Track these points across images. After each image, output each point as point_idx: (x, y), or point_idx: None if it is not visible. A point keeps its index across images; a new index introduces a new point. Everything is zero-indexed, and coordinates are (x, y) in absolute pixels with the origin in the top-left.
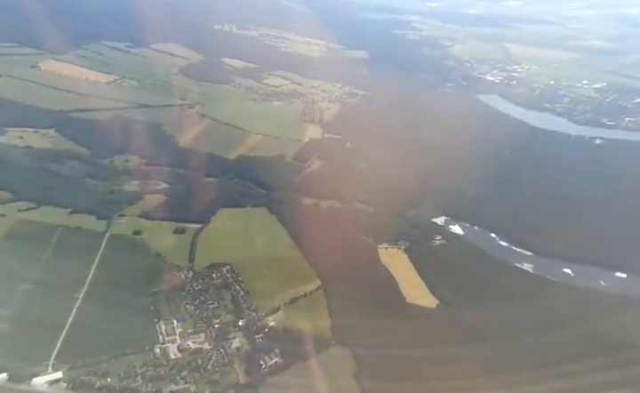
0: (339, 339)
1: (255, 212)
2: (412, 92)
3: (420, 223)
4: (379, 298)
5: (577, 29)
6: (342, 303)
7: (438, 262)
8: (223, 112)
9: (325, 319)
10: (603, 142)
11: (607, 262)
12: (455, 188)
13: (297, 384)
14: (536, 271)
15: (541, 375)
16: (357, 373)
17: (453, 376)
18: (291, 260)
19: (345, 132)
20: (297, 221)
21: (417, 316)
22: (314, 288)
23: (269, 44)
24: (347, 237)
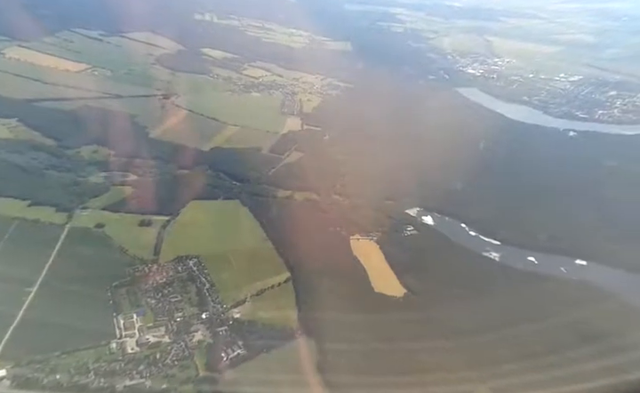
0: (305, 330)
1: (227, 205)
2: (394, 84)
3: (394, 214)
4: (347, 288)
5: (560, 23)
6: (310, 294)
7: (408, 252)
8: (199, 103)
9: (292, 311)
10: (576, 135)
11: (570, 250)
12: (430, 179)
13: (258, 376)
14: (501, 260)
15: (503, 366)
16: (321, 365)
17: (417, 369)
18: (261, 252)
19: (324, 125)
20: (270, 214)
21: (384, 307)
22: (282, 280)
23: (251, 34)
24: (319, 229)
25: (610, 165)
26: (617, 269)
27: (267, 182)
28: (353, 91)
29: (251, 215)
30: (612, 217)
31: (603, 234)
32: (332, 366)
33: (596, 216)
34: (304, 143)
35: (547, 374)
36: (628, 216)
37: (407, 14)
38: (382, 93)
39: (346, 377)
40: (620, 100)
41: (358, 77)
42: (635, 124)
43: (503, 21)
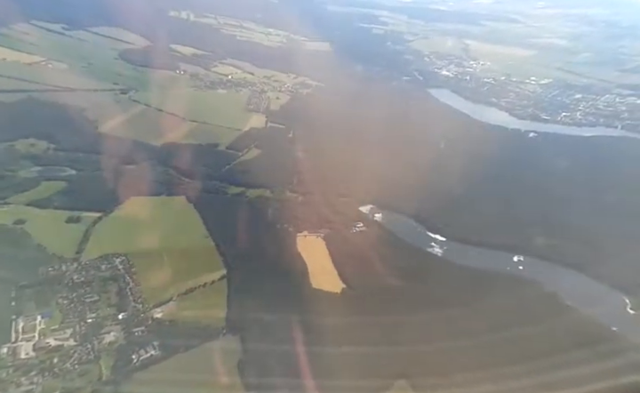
0: (231, 329)
1: (171, 201)
2: (367, 84)
3: (346, 211)
4: (285, 285)
5: (538, 27)
6: (244, 292)
7: (353, 248)
8: (159, 98)
9: (221, 309)
10: (535, 136)
11: (511, 246)
12: (387, 177)
13: (169, 377)
14: (444, 255)
15: (426, 359)
16: (242, 365)
17: (340, 370)
18: (199, 249)
19: (290, 122)
20: (216, 211)
21: (319, 303)
22: (217, 278)
23: (226, 32)
24: (266, 226)
25: (561, 165)
26: (551, 264)
27: (219, 179)
28: (324, 90)
29: (195, 212)
30: (554, 214)
31: (542, 230)
32: (253, 367)
33: (539, 214)
34: (265, 140)
35: (471, 362)
36: (570, 213)
37: (390, 17)
38: (353, 93)
39: (266, 378)
40: (584, 103)
41: (332, 77)
42: (593, 126)
43: (483, 25)
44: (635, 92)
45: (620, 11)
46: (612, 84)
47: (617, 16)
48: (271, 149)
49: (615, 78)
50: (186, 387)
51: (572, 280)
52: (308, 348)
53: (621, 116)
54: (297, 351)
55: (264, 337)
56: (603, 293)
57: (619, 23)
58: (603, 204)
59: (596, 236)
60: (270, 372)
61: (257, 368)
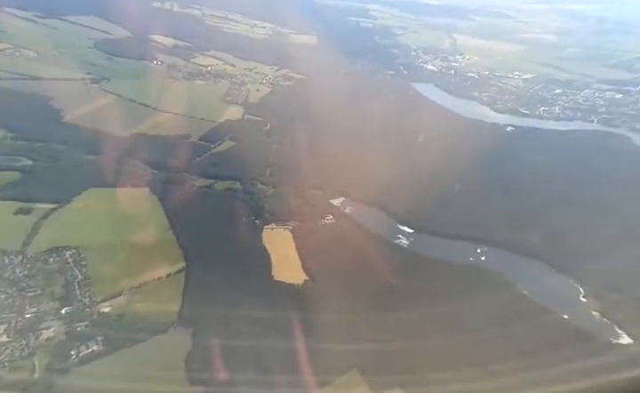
0: (183, 323)
1: (134, 193)
2: (350, 78)
3: (317, 204)
4: (245, 278)
5: (527, 23)
6: (202, 286)
7: (320, 240)
8: (132, 88)
9: (175, 303)
10: (513, 129)
11: (477, 238)
12: (362, 171)
13: (109, 372)
14: (410, 247)
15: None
16: (189, 360)
17: (293, 365)
18: (158, 242)
19: (267, 115)
20: (181, 203)
21: (277, 295)
22: (174, 271)
23: (211, 24)
24: (232, 219)
25: (534, 159)
26: (514, 255)
27: (187, 171)
28: (306, 83)
29: (158, 204)
30: (520, 207)
31: (508, 222)
32: (201, 361)
33: (506, 206)
34: (240, 132)
35: (423, 351)
36: (536, 206)
37: (380, 10)
38: (335, 86)
39: (213, 373)
40: (564, 98)
41: (315, 70)
42: (570, 121)
43: (474, 20)
44: (614, 86)
45: (611, 7)
46: (594, 79)
47: (608, 12)
48: (245, 142)
49: (598, 73)
50: (126, 382)
51: (532, 270)
52: (259, 342)
53: (598, 111)
54: (247, 345)
55: (217, 331)
56: (560, 283)
57: (609, 19)
58: (568, 196)
59: (560, 227)
60: (218, 366)
61: (205, 362)
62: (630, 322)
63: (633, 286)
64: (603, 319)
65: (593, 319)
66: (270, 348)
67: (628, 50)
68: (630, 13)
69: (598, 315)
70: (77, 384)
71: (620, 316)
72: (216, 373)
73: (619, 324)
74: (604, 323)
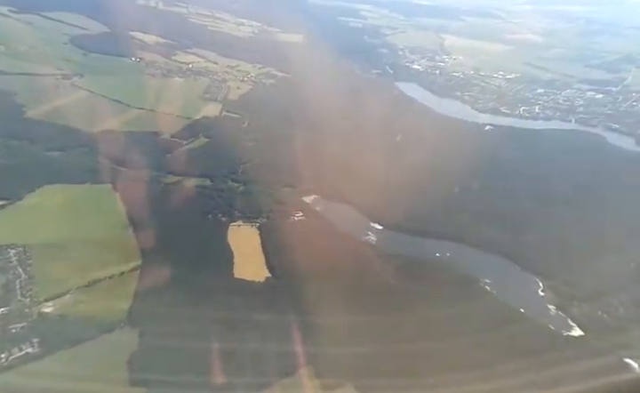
0: (131, 322)
1: (95, 190)
2: (335, 77)
3: (288, 201)
4: (204, 276)
5: (515, 23)
6: (157, 284)
7: (287, 238)
8: (106, 85)
9: (126, 301)
10: (491, 129)
11: (445, 234)
12: (338, 168)
13: (44, 374)
14: (377, 244)
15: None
16: (133, 360)
17: (238, 366)
18: (115, 240)
19: (246, 112)
20: (144, 200)
21: (235, 293)
22: (128, 269)
23: (196, 22)
24: (198, 216)
25: (508, 157)
26: (479, 251)
27: (155, 167)
28: (289, 81)
29: (119, 201)
30: (490, 204)
31: (477, 219)
32: (145, 362)
33: (477, 203)
34: (216, 129)
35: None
36: (506, 203)
37: (371, 11)
38: (318, 85)
39: (156, 374)
40: (545, 98)
41: (299, 69)
42: (548, 120)
43: (463, 20)
44: (595, 86)
45: (600, 8)
46: (576, 79)
47: (596, 13)
48: (220, 139)
49: (580, 73)
50: (59, 382)
51: (496, 266)
52: (207, 342)
53: (577, 111)
54: (195, 346)
55: (166, 330)
56: (521, 278)
57: (596, 20)
58: (538, 193)
59: (526, 224)
60: (162, 367)
61: (149, 363)
62: (583, 315)
63: (590, 281)
64: (558, 313)
65: (548, 313)
66: (218, 349)
67: (611, 51)
68: (618, 14)
69: (554, 308)
70: (4, 387)
71: (575, 310)
72: (159, 374)
73: (572, 318)
74: (558, 316)
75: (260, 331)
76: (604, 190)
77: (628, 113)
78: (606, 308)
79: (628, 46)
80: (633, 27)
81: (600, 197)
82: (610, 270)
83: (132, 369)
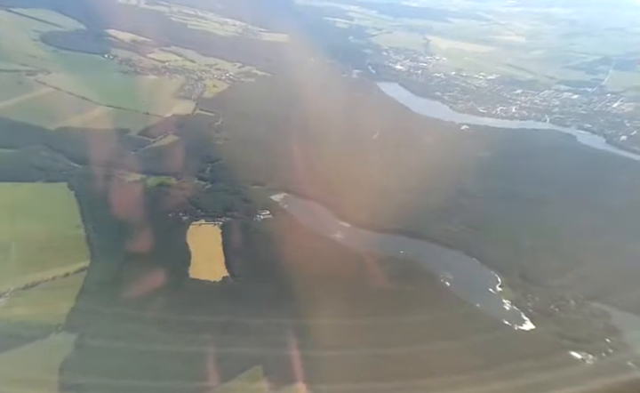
0: (69, 326)
1: (47, 188)
2: (315, 76)
3: (256, 200)
4: (155, 277)
5: (501, 25)
6: (103, 285)
7: (251, 236)
8: (73, 81)
9: (67, 304)
10: (467, 128)
11: (410, 231)
12: (310, 167)
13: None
14: (343, 241)
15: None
16: (66, 365)
17: (175, 370)
18: (63, 240)
19: (220, 110)
20: (101, 198)
21: (187, 294)
22: (74, 270)
23: (177, 20)
24: (157, 215)
25: (482, 156)
26: (443, 247)
27: (118, 165)
28: (269, 80)
29: (74, 200)
30: (457, 201)
31: (443, 217)
32: (79, 366)
33: (444, 201)
34: (186, 127)
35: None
36: (472, 201)
37: (358, 11)
38: (298, 84)
39: (90, 378)
40: (523, 98)
41: (281, 68)
42: (524, 120)
43: (450, 22)
44: (572, 87)
45: (583, 10)
46: (555, 80)
47: (579, 15)
48: (190, 137)
49: (559, 74)
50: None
51: (458, 262)
52: (148, 345)
53: (553, 111)
54: (137, 349)
55: (106, 333)
56: (481, 274)
57: (580, 22)
58: (503, 190)
59: (489, 220)
60: (97, 370)
61: (83, 367)
62: (536, 310)
63: (547, 276)
64: (513, 307)
65: (503, 308)
66: (159, 351)
67: (591, 52)
68: (599, 16)
69: (509, 303)
70: None
71: (529, 305)
72: (93, 379)
73: (526, 312)
74: (513, 311)
75: (208, 332)
76: (569, 188)
77: (601, 113)
78: (559, 301)
79: (607, 48)
80: (612, 28)
81: (564, 195)
82: (567, 265)
83: (64, 373)
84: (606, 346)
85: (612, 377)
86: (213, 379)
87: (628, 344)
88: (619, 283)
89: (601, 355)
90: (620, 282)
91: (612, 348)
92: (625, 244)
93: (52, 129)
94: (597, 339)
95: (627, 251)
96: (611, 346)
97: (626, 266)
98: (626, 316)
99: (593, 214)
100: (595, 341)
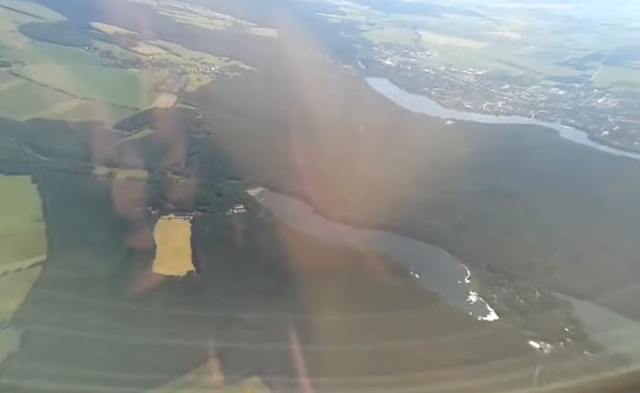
0: (17, 322)
1: (9, 181)
2: (303, 71)
3: (231, 194)
4: (115, 272)
5: (494, 20)
6: (58, 281)
7: (221, 231)
8: (49, 73)
9: (15, 301)
10: (452, 123)
11: (382, 225)
12: (290, 161)
13: None
14: (318, 236)
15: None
16: (8, 364)
17: (133, 365)
18: (20, 234)
19: (202, 104)
20: (66, 192)
21: (147, 289)
22: (27, 265)
23: (164, 14)
24: (125, 209)
25: (464, 151)
26: (418, 241)
27: (87, 158)
28: (255, 74)
29: (36, 193)
30: (434, 195)
31: (418, 210)
32: (23, 365)
33: (421, 195)
34: (165, 121)
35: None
36: (448, 194)
37: (351, 7)
38: (284, 79)
39: (32, 379)
40: (510, 93)
41: (268, 62)
42: (509, 115)
43: (443, 17)
44: (560, 83)
45: (580, 5)
46: (543, 75)
47: (574, 10)
48: (168, 130)
49: (549, 70)
50: None
51: (429, 255)
52: (102, 339)
53: (538, 106)
54: (89, 343)
55: (55, 331)
56: (451, 266)
57: (574, 18)
58: (483, 186)
59: (463, 214)
60: (41, 368)
61: (28, 366)
62: (502, 301)
63: (515, 268)
64: (479, 299)
65: (469, 299)
66: (113, 345)
67: (582, 48)
68: (595, 12)
69: (475, 295)
70: None
71: (494, 296)
72: (36, 377)
73: (491, 303)
74: (478, 302)
75: (166, 326)
76: (545, 183)
77: (586, 108)
78: (525, 293)
79: (599, 43)
80: (606, 24)
81: (539, 190)
82: (536, 258)
83: (4, 372)
84: (565, 335)
85: (566, 364)
86: (167, 371)
87: (585, 333)
88: (584, 274)
89: (558, 344)
90: (586, 273)
91: (570, 338)
92: (593, 236)
93: (22, 121)
94: (557, 329)
95: (594, 243)
96: (569, 335)
97: (592, 258)
98: (587, 306)
99: (565, 208)
100: (554, 331)
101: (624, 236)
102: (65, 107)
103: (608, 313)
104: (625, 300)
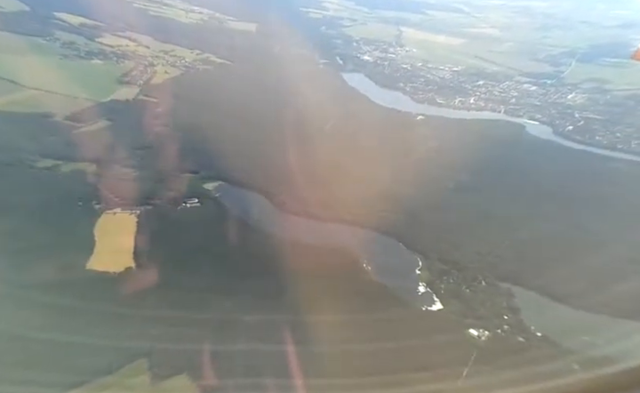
0: None
1: None
2: (277, 65)
3: (185, 188)
4: (43, 268)
5: (477, 17)
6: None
7: (170, 226)
8: (1, 63)
9: None
10: (422, 118)
11: (344, 219)
12: (252, 155)
13: None
14: (273, 231)
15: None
16: None
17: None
18: None
19: (165, 97)
20: (1, 186)
21: (77, 285)
22: None
23: (138, 6)
24: (66, 203)
25: (430, 145)
26: (378, 234)
27: (30, 151)
28: (227, 68)
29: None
30: (394, 189)
31: (379, 205)
32: None
33: (382, 188)
34: (122, 113)
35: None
36: (408, 188)
37: (334, 2)
38: (257, 73)
39: None
40: (483, 89)
41: (242, 56)
42: (480, 111)
43: (426, 14)
44: (533, 79)
45: (562, 3)
46: (518, 72)
47: (556, 8)
48: (125, 123)
49: (524, 67)
50: None
51: (384, 247)
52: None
53: (509, 102)
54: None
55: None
56: (405, 257)
57: (556, 15)
58: (443, 179)
59: (421, 207)
60: None
61: None
62: (447, 291)
63: (465, 259)
64: (427, 289)
65: (417, 290)
66: (28, 344)
67: (560, 45)
68: (575, 10)
69: (424, 285)
70: None
71: (442, 286)
72: None
73: (437, 294)
74: (425, 292)
75: (91, 325)
76: (506, 177)
77: (555, 104)
78: (471, 283)
79: (576, 41)
80: (584, 21)
81: (495, 182)
82: (486, 249)
83: None
84: (502, 323)
85: (498, 350)
86: (92, 371)
87: (523, 321)
88: (531, 264)
89: (496, 331)
90: (533, 264)
91: (507, 325)
92: (543, 227)
93: None
94: (497, 317)
95: (543, 234)
96: (507, 323)
97: (540, 249)
98: (529, 295)
99: (518, 201)
100: (493, 319)
101: (573, 225)
102: (14, 98)
103: (545, 300)
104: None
